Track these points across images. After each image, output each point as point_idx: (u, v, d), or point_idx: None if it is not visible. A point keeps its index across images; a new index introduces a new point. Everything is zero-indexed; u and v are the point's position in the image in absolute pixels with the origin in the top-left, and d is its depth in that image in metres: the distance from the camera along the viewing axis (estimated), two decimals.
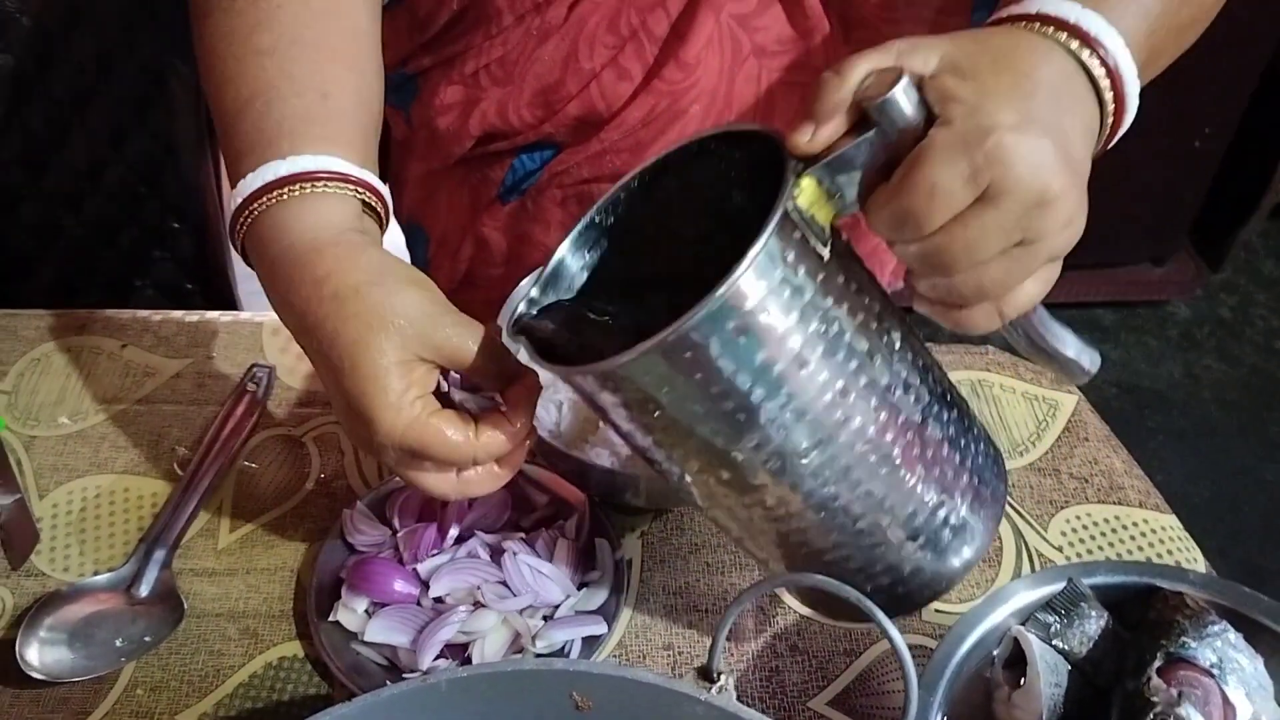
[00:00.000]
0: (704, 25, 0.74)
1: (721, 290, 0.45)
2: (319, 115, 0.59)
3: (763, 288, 0.46)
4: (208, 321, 0.87)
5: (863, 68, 0.48)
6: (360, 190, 0.58)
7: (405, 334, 0.52)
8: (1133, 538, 0.77)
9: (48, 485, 0.75)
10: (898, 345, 0.52)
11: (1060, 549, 0.75)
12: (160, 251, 1.12)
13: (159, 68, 1.02)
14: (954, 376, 0.84)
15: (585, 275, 0.56)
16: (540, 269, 0.55)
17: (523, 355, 0.54)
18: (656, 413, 0.50)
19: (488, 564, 0.66)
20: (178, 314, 0.88)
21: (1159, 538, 0.78)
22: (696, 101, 0.78)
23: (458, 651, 0.63)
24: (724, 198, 0.55)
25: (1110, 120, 0.51)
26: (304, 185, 0.56)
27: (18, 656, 0.63)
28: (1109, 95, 0.50)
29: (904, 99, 0.46)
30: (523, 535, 0.68)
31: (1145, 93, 0.51)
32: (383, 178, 0.61)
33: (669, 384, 0.48)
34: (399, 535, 0.68)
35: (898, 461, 0.52)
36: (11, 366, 0.83)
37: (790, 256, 0.47)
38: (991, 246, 0.46)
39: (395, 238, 0.70)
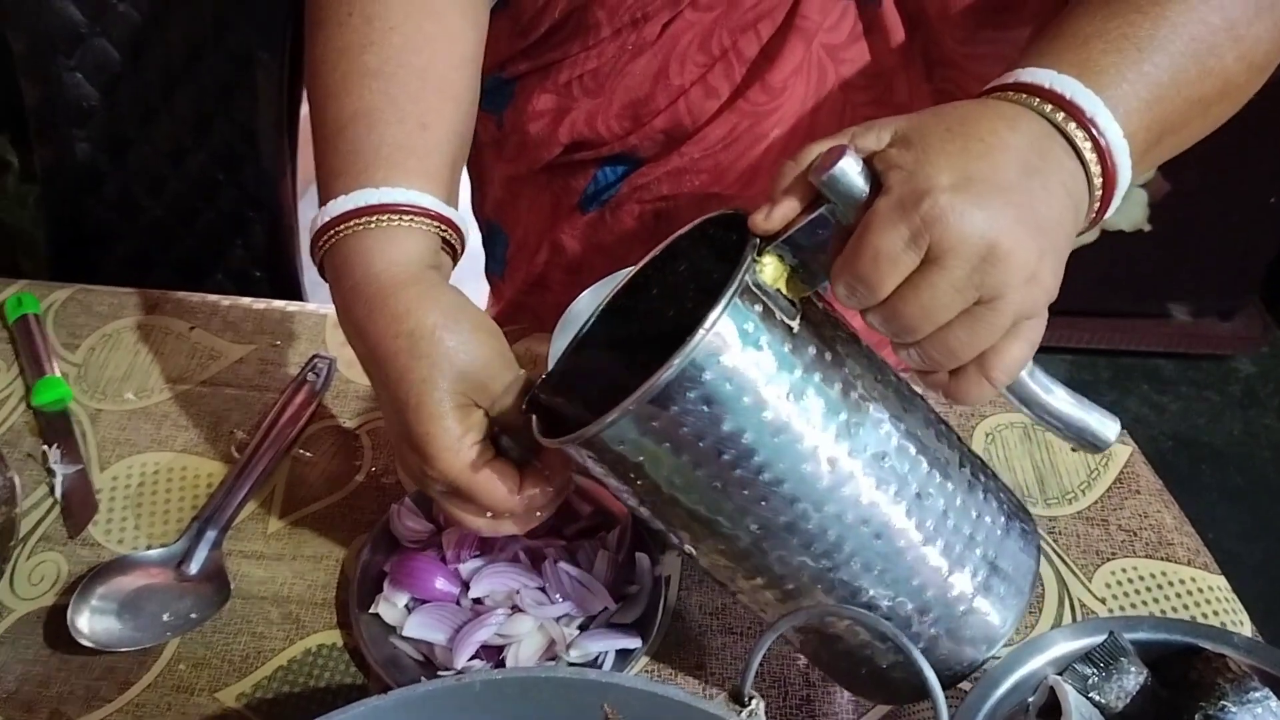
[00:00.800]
0: (794, 51, 0.75)
1: (677, 360, 0.46)
2: (417, 147, 0.61)
3: (724, 358, 0.47)
4: (274, 310, 0.90)
5: (815, 149, 0.50)
6: (443, 228, 0.60)
7: (469, 380, 0.55)
8: (1179, 595, 0.76)
9: (109, 458, 0.78)
10: (890, 412, 0.52)
11: (1103, 600, 0.74)
12: (233, 238, 1.14)
13: (246, 58, 1.05)
14: (1003, 420, 0.83)
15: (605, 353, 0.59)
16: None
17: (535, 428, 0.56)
18: (639, 480, 0.52)
19: (528, 569, 0.66)
20: (246, 300, 0.90)
21: (1205, 597, 0.76)
22: (778, 126, 0.78)
23: (493, 653, 0.64)
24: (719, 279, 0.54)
25: (1100, 181, 0.51)
26: (393, 217, 0.58)
27: (69, 623, 0.65)
28: (1091, 157, 0.50)
29: (849, 172, 0.47)
30: (564, 543, 0.69)
31: (1220, 147, 0.51)
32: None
33: (642, 451, 0.50)
34: (444, 534, 0.69)
35: (894, 533, 0.52)
36: (84, 340, 0.86)
37: (749, 327, 0.48)
38: (946, 307, 0.47)
39: (471, 238, 0.73)
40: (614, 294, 0.58)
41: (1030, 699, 0.58)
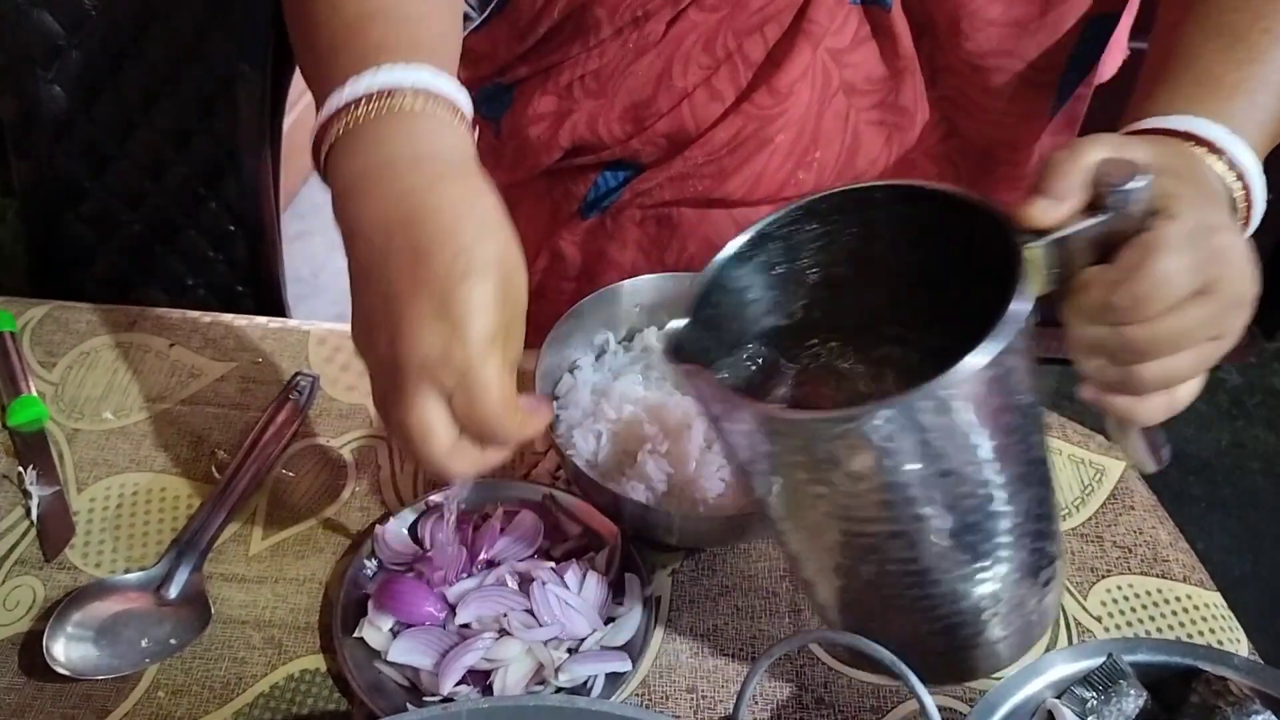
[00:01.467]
0: (801, 55, 0.75)
1: (979, 352, 0.44)
2: (452, 48, 0.59)
3: (1003, 358, 0.45)
4: (255, 326, 0.88)
5: (1095, 153, 0.49)
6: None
7: (515, 304, 0.51)
8: (1174, 613, 0.75)
9: (87, 479, 0.76)
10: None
11: (1099, 619, 0.73)
12: (216, 253, 1.13)
13: (227, 72, 1.03)
14: None
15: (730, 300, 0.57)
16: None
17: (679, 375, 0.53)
18: (834, 462, 0.48)
19: (515, 592, 0.65)
20: (227, 317, 0.89)
21: (1201, 615, 0.76)
22: (783, 131, 0.78)
23: (480, 678, 0.63)
24: (863, 247, 0.57)
25: (1240, 221, 0.55)
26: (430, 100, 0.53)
27: (45, 650, 0.63)
28: (1241, 199, 0.54)
29: (1146, 191, 0.48)
30: (553, 565, 0.68)
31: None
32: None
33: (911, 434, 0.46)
34: (429, 556, 0.68)
35: (1020, 542, 0.54)
36: (61, 359, 0.84)
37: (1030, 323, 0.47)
38: (1195, 337, 0.49)
39: None
40: (742, 243, 0.56)
41: None
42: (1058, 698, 0.57)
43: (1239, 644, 0.74)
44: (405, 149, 0.52)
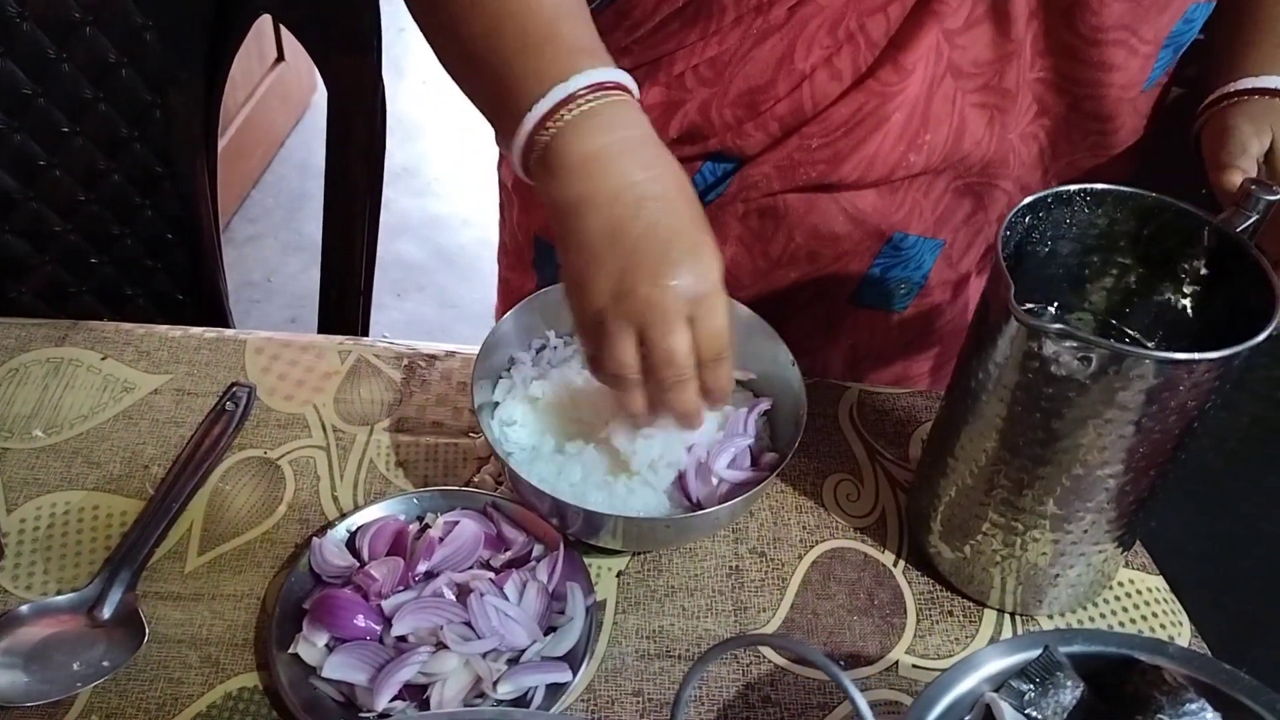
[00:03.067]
0: (927, 33, 0.75)
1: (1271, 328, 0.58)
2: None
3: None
4: (190, 337, 0.86)
5: (1251, 146, 0.71)
6: None
7: None
8: (1118, 598, 0.76)
9: (17, 499, 0.74)
10: None
11: (1041, 603, 0.74)
12: (154, 262, 1.11)
13: (160, 78, 1.01)
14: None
15: None
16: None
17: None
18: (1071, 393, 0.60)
19: (453, 604, 0.64)
20: (161, 328, 0.87)
21: (1145, 599, 0.76)
22: (899, 109, 0.78)
23: (416, 693, 0.62)
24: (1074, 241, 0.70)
25: None
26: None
27: None
28: None
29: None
30: (492, 576, 0.67)
31: (1166, 140, 0.73)
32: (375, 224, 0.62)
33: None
34: (366, 569, 0.67)
35: (1133, 509, 0.68)
36: None
37: None
38: None
39: (464, 235, 0.70)
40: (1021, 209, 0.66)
41: (967, 718, 0.57)
42: (996, 691, 0.57)
43: (1181, 627, 0.75)
44: (636, 130, 0.62)
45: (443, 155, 2.72)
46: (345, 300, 1.09)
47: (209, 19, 0.99)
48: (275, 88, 2.54)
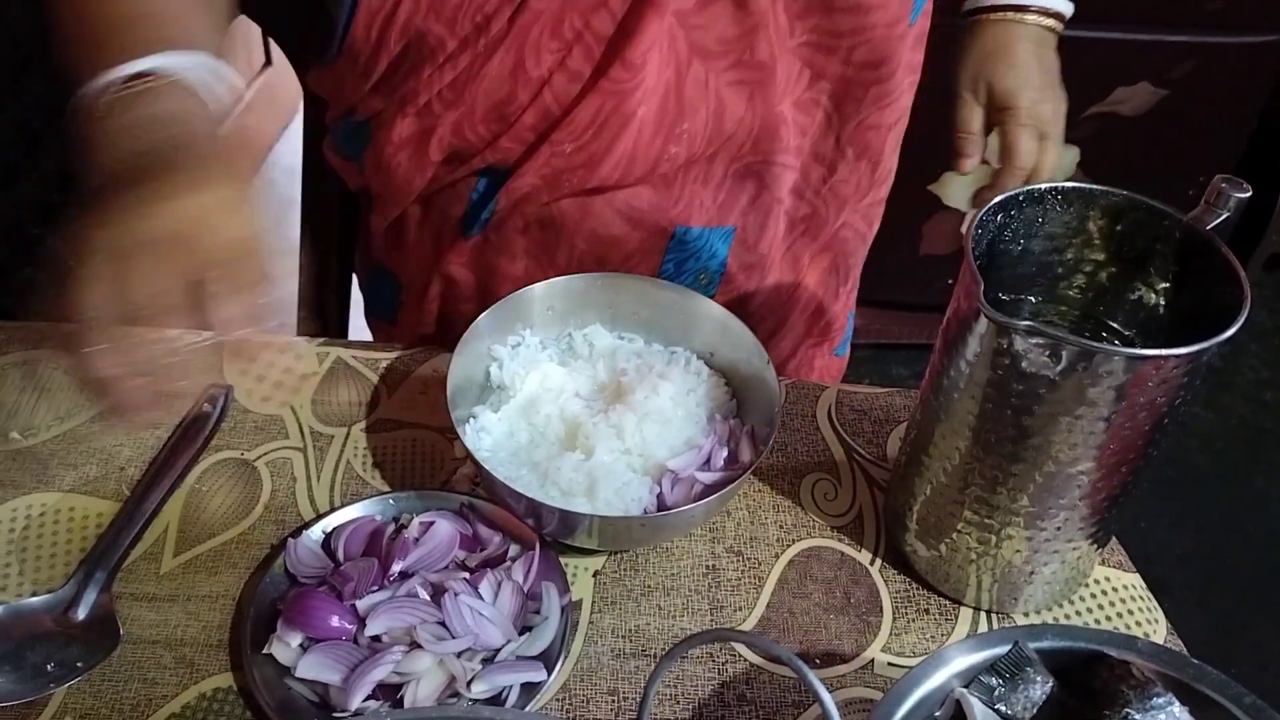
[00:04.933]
0: (650, 24, 0.74)
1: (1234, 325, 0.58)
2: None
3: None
4: (167, 339, 0.86)
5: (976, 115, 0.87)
6: None
7: None
8: (1093, 595, 0.76)
9: None
10: None
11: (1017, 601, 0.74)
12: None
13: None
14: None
15: None
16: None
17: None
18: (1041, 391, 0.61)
19: (427, 604, 0.64)
20: (138, 330, 0.87)
21: (1120, 596, 0.76)
22: (644, 103, 0.77)
23: (390, 693, 0.62)
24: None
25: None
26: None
27: None
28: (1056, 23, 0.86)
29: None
30: (466, 575, 0.67)
31: (1145, 140, 0.81)
32: (350, 227, 0.61)
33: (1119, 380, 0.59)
34: (341, 569, 0.67)
35: (1104, 506, 0.68)
36: None
37: None
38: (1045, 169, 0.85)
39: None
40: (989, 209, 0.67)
41: (937, 714, 0.57)
42: (965, 686, 0.57)
43: (1157, 624, 0.75)
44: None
45: None
46: (323, 303, 1.09)
47: None
48: (263, 93, 2.53)
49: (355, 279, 1.09)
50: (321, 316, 1.10)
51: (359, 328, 1.11)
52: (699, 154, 0.81)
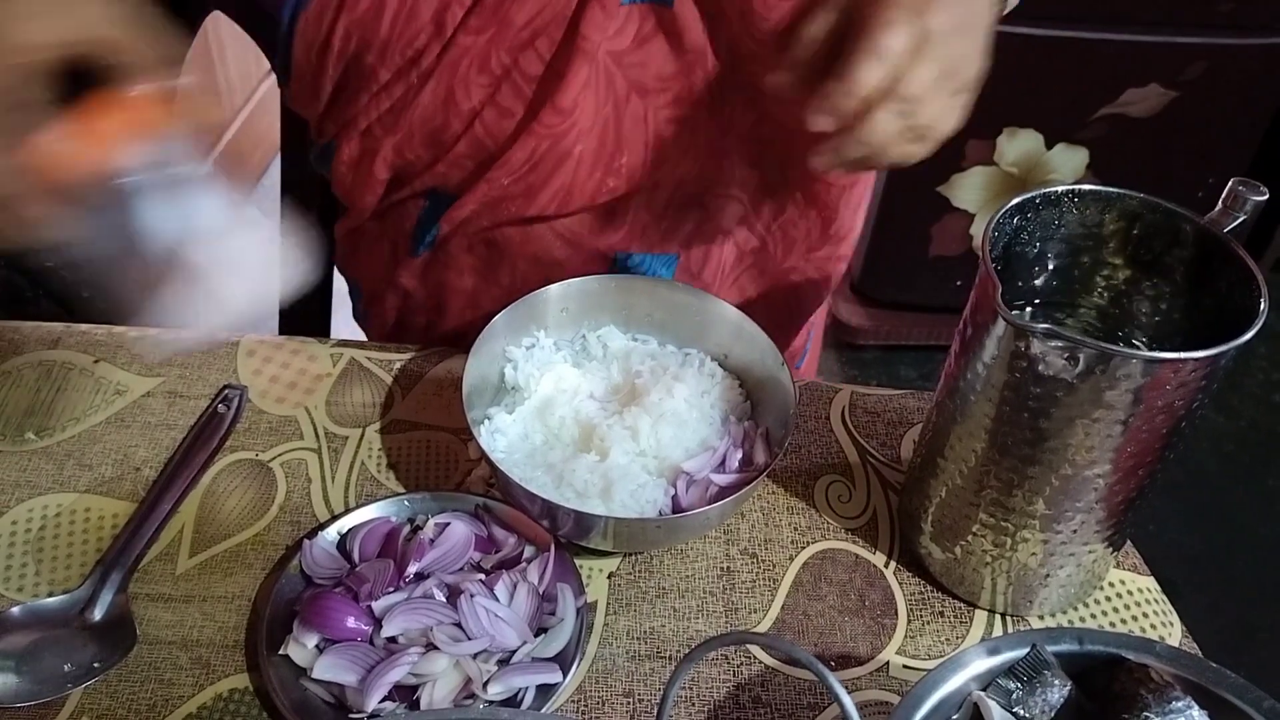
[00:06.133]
0: (579, 70, 0.74)
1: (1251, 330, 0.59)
2: None
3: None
4: (183, 339, 0.87)
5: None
6: None
7: None
8: (1109, 599, 0.76)
9: (9, 502, 0.74)
10: None
11: (1033, 604, 0.74)
12: (51, 259, 1.10)
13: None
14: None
15: None
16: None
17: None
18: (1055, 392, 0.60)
19: (443, 605, 0.64)
20: (154, 331, 0.87)
21: (1135, 599, 0.76)
22: (579, 142, 0.77)
23: (407, 694, 0.62)
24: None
25: None
26: None
27: None
28: None
29: None
30: (482, 577, 0.67)
31: (1156, 141, 0.65)
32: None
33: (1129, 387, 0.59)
34: (357, 570, 0.67)
35: (1121, 509, 0.68)
36: None
37: None
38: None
39: None
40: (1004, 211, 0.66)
41: (954, 717, 0.57)
42: (983, 690, 0.57)
43: (1172, 627, 0.75)
44: None
45: None
46: (306, 299, 1.09)
47: (159, 16, 0.99)
48: (272, 92, 2.54)
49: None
50: (303, 313, 1.10)
51: (341, 331, 1.12)
52: (638, 186, 0.81)
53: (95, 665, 0.65)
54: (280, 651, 0.64)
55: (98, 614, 0.67)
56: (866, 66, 0.58)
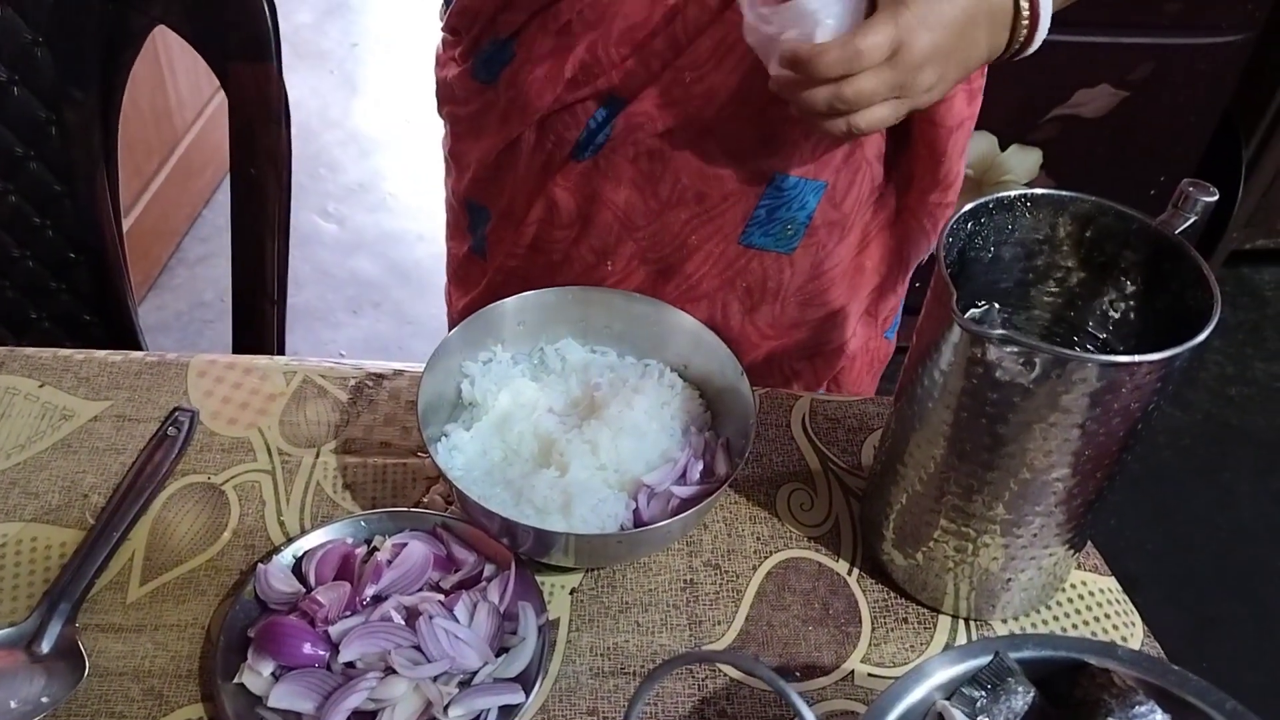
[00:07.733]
0: None
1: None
2: None
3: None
4: (131, 362, 0.85)
5: None
6: None
7: None
8: (1070, 600, 0.76)
9: None
10: None
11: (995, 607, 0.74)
12: (57, 283, 1.08)
13: (54, 94, 0.99)
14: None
15: None
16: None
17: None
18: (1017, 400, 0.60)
19: (402, 628, 0.63)
20: (101, 354, 0.85)
21: (1097, 600, 0.77)
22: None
23: (366, 719, 0.61)
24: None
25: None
26: None
27: None
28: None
29: None
30: (441, 598, 0.66)
31: (1107, 142, 0.68)
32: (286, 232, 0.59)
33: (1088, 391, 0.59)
34: (313, 594, 0.65)
35: (1080, 511, 0.68)
36: None
37: None
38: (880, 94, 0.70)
39: (420, 250, 0.69)
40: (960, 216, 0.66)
41: None
42: (947, 699, 0.57)
43: (1134, 627, 0.75)
44: None
45: (397, 171, 2.70)
46: (258, 314, 1.08)
47: (102, 33, 0.98)
48: (222, 109, 2.51)
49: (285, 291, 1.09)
50: (257, 327, 1.09)
51: (338, 341, 1.10)
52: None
53: (43, 700, 0.63)
54: (235, 680, 0.62)
55: (45, 646, 0.66)
56: (835, 45, 0.65)
